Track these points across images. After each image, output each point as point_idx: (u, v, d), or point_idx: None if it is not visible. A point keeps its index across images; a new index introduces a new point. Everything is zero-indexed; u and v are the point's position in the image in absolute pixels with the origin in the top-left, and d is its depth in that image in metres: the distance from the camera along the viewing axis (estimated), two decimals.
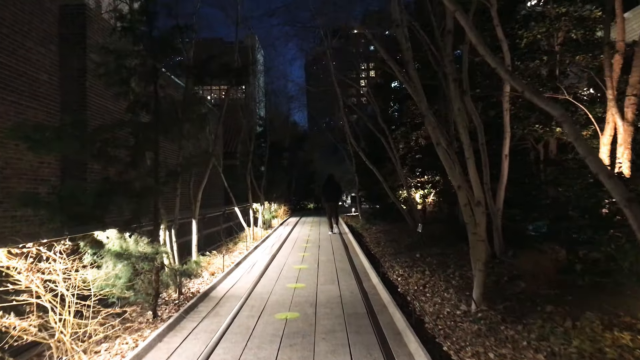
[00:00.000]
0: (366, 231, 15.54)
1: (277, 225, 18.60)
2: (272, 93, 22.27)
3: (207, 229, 12.63)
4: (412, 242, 10.70)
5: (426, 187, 15.10)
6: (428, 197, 15.43)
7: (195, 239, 8.60)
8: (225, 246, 12.32)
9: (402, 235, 12.15)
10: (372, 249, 11.20)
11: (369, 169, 16.64)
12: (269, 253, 10.68)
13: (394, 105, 18.92)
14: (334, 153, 51.51)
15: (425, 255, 8.73)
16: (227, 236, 13.80)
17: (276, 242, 13.00)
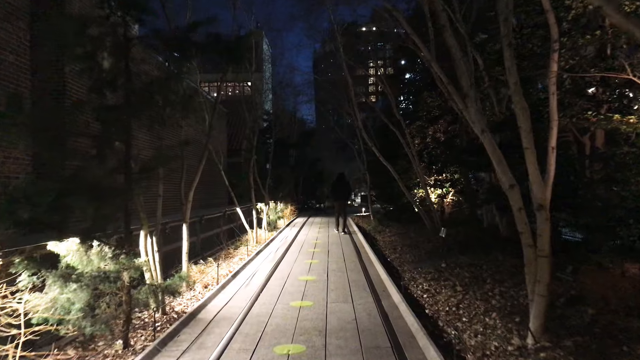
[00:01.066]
0: (379, 234, 14.34)
1: (283, 227, 17.45)
2: (278, 85, 21.13)
3: (206, 231, 11.52)
4: (433, 249, 9.50)
5: (445, 185, 13.89)
6: (446, 196, 14.21)
7: (186, 245, 7.46)
8: (225, 251, 11.20)
9: (420, 240, 10.95)
10: (388, 256, 10.03)
11: (381, 166, 15.46)
12: (272, 260, 9.53)
13: (408, 99, 17.69)
14: (343, 151, 50.44)
15: (452, 266, 7.53)
16: (229, 239, 12.67)
17: (281, 246, 11.85)
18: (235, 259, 10.19)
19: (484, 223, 10.74)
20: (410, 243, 10.87)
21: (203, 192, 16.67)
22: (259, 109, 20.04)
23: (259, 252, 10.65)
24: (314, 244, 12.02)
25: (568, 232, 9.01)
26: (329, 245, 11.49)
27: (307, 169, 29.60)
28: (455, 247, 8.94)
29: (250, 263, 9.24)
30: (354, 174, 47.37)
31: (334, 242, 12.12)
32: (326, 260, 9.28)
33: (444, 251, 8.90)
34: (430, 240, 10.50)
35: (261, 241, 12.95)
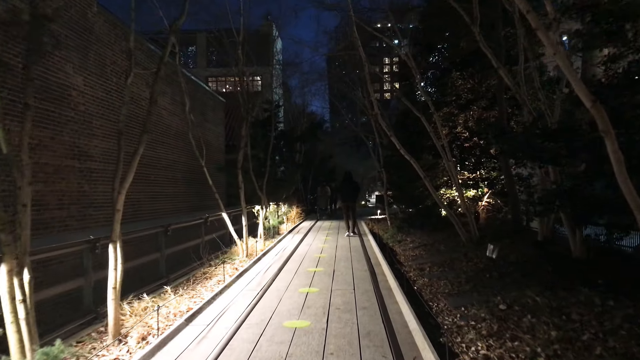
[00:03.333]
0: (399, 244, 11.79)
1: (286, 233, 14.98)
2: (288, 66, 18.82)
3: (179, 244, 9.10)
4: (476, 272, 6.94)
5: (480, 185, 11.31)
6: (481, 199, 11.62)
7: (118, 276, 4.99)
8: (206, 267, 8.78)
9: (455, 257, 8.38)
10: (414, 279, 7.53)
11: (400, 162, 12.96)
12: (256, 286, 7.07)
13: (430, 84, 15.07)
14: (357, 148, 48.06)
15: (516, 307, 4.96)
16: (215, 251, 10.22)
17: (275, 262, 9.38)
18: (212, 282, 7.77)
19: (539, 235, 8.16)
20: (442, 260, 8.31)
21: (192, 192, 14.29)
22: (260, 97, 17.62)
23: (243, 272, 8.20)
24: (316, 259, 9.53)
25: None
26: (335, 262, 8.98)
27: (317, 167, 27.02)
28: (511, 271, 6.38)
29: (225, 292, 6.78)
30: (368, 172, 44.91)
31: (342, 257, 9.61)
32: (329, 287, 6.79)
33: (493, 278, 6.35)
34: (468, 258, 7.95)
35: (253, 253, 10.52)
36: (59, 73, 8.09)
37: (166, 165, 12.68)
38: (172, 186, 13.00)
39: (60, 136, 8.09)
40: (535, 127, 5.86)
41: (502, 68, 7.17)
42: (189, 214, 13.03)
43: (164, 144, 12.61)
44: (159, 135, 12.31)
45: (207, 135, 16.08)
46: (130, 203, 10.21)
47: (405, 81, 15.50)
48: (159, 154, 12.26)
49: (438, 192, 12.46)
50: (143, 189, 11.18)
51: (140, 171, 11.05)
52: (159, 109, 12.39)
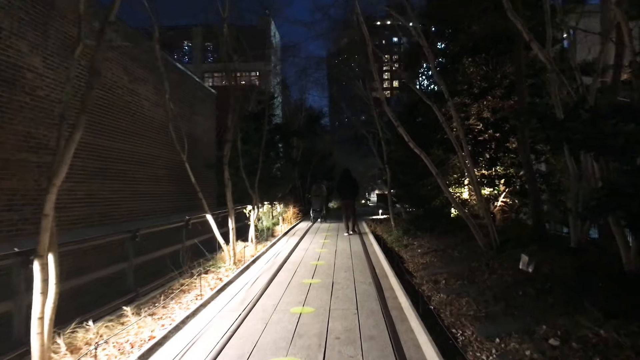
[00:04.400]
0: (405, 249, 10.59)
1: (280, 235, 13.77)
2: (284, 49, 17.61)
3: (153, 251, 7.91)
4: (505, 287, 5.72)
5: (497, 183, 10.12)
6: (497, 198, 10.42)
7: (49, 301, 3.77)
8: (187, 276, 7.59)
9: (474, 266, 7.17)
10: (428, 294, 6.33)
11: (405, 159, 11.82)
12: (239, 305, 5.86)
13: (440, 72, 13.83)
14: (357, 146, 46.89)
15: (573, 341, 3.76)
16: (197, 258, 9.01)
17: (265, 271, 8.18)
18: (190, 296, 6.60)
19: (572, 241, 6.96)
20: (459, 271, 7.10)
21: (179, 191, 13.05)
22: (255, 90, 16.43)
23: (227, 284, 7.01)
24: (313, 267, 8.33)
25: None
26: (334, 272, 7.78)
27: (316, 164, 25.76)
28: (549, 288, 5.18)
29: (200, 312, 5.58)
30: (368, 170, 43.68)
31: (342, 265, 8.41)
32: (327, 305, 5.59)
33: (529, 296, 5.15)
34: (491, 268, 6.74)
35: (243, 260, 9.34)
36: (8, 51, 6.88)
37: (147, 160, 11.48)
38: (154, 184, 11.80)
39: (11, 125, 6.88)
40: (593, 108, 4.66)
41: (534, 41, 5.96)
42: (174, 215, 11.83)
43: (145, 137, 11.40)
44: (138, 127, 11.10)
45: (195, 130, 14.88)
46: (97, 203, 9.03)
47: (416, 65, 14.25)
48: (138, 148, 11.05)
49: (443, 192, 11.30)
50: (118, 187, 9.97)
51: (114, 167, 9.86)
52: (139, 98, 11.18)
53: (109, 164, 9.64)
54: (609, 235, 8.71)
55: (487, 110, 10.54)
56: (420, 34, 7.94)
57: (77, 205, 8.49)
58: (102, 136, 9.43)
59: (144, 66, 11.37)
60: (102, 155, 9.40)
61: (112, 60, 9.91)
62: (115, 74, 9.99)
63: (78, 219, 8.48)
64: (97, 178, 9.20)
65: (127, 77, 10.54)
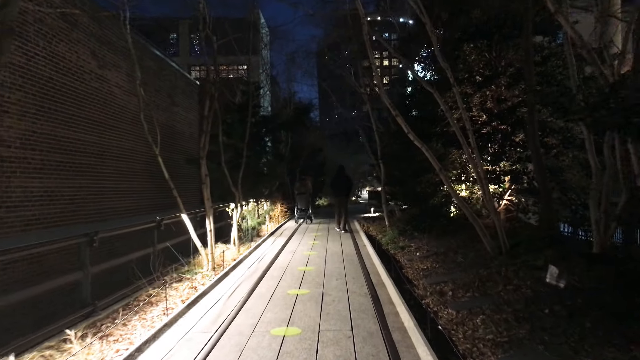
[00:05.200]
0: (402, 252, 9.70)
1: (267, 235, 12.83)
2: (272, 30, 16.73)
3: (120, 256, 6.95)
4: (526, 302, 4.81)
5: (503, 180, 9.27)
6: (503, 196, 9.56)
7: None
8: (149, 290, 6.66)
9: (482, 273, 6.28)
10: (432, 306, 5.44)
11: (401, 154, 10.94)
12: (210, 325, 4.93)
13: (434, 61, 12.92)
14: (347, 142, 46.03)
15: None
16: (173, 262, 8.06)
17: (247, 279, 7.26)
18: (157, 310, 5.68)
19: (595, 246, 6.12)
20: (467, 280, 6.20)
21: (158, 188, 12.00)
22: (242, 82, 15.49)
23: (200, 296, 6.07)
24: (300, 273, 7.41)
25: None
26: (324, 280, 6.87)
27: (306, 160, 24.73)
28: (582, 305, 4.31)
29: (163, 335, 4.65)
30: (359, 167, 42.81)
31: (333, 271, 7.50)
32: (316, 325, 4.69)
33: (558, 316, 4.28)
34: (505, 278, 5.85)
35: (223, 264, 8.41)
36: None
37: (120, 154, 10.47)
38: (129, 180, 10.80)
39: None
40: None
41: (560, 13, 5.07)
42: (153, 214, 10.85)
43: (117, 129, 10.39)
44: (109, 118, 10.08)
45: (175, 122, 13.87)
46: (58, 202, 8.04)
47: (416, 50, 13.29)
48: (109, 140, 10.04)
49: (443, 190, 10.44)
50: (83, 183, 8.97)
51: (79, 161, 8.86)
52: (110, 85, 10.17)
53: (72, 158, 8.64)
54: (633, 240, 7.91)
55: (491, 100, 9.67)
56: (422, 9, 7.01)
57: (32, 204, 7.49)
58: (64, 126, 8.43)
59: (115, 50, 10.35)
60: (64, 148, 8.40)
61: (77, 42, 8.89)
62: (80, 57, 8.97)
63: (32, 220, 7.47)
64: (58, 173, 8.20)
65: (96, 62, 9.52)
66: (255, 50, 22.20)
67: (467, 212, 7.32)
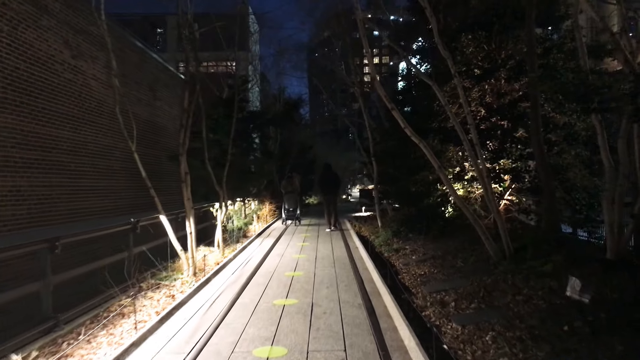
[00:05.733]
0: (397, 255, 9.17)
1: (254, 236, 12.24)
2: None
3: (91, 261, 6.35)
4: (540, 317, 4.27)
5: (504, 179, 8.76)
6: (502, 196, 9.05)
7: None
8: (121, 299, 6.09)
9: (487, 280, 5.74)
10: (433, 319, 4.90)
11: (397, 150, 10.42)
12: (184, 344, 4.34)
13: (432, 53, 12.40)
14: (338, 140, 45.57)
15: None
16: (152, 268, 7.44)
17: (229, 286, 6.69)
18: (129, 324, 5.09)
19: (608, 251, 5.61)
20: (470, 289, 5.64)
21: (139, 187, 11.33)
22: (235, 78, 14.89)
23: (176, 308, 5.48)
24: (288, 280, 6.84)
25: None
26: (314, 287, 6.30)
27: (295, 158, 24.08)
28: (607, 322, 3.79)
29: (128, 357, 4.07)
30: (349, 165, 42.34)
31: (324, 277, 6.94)
32: (304, 344, 4.12)
33: (581, 334, 3.75)
34: (513, 286, 5.31)
35: (205, 269, 7.84)
36: None
37: (97, 151, 9.81)
38: (107, 179, 10.14)
39: None
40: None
41: None
42: (134, 214, 10.21)
43: (94, 124, 9.73)
44: (85, 112, 9.42)
45: (157, 117, 13.22)
46: (26, 202, 7.40)
47: (412, 39, 12.75)
48: (85, 136, 9.39)
49: (439, 189, 9.90)
50: (56, 182, 8.33)
51: (52, 158, 8.22)
52: (85, 77, 9.51)
53: (43, 155, 7.99)
54: None
55: (491, 94, 9.16)
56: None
57: None
58: (34, 121, 7.79)
59: (92, 41, 9.69)
60: (33, 144, 7.75)
61: (48, 29, 8.23)
62: (51, 46, 8.30)
63: None
64: (27, 171, 7.56)
65: (69, 52, 8.86)
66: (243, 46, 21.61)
67: (468, 214, 6.79)
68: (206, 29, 9.46)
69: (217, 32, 11.23)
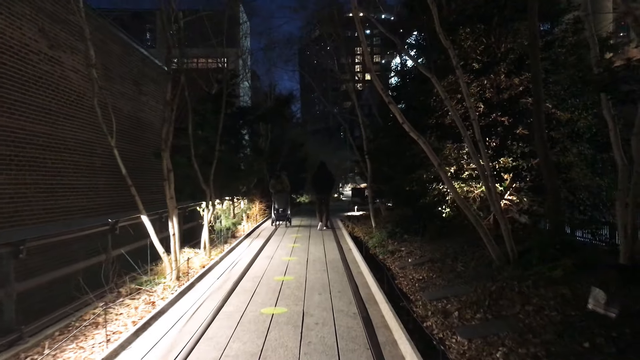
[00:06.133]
0: (392, 257, 8.77)
1: (243, 236, 11.77)
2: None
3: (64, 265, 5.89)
4: (556, 331, 3.86)
5: (505, 178, 8.37)
6: (503, 195, 8.66)
7: None
8: (96, 307, 5.64)
9: (491, 287, 5.32)
10: (436, 331, 4.48)
11: (393, 147, 10.02)
12: None
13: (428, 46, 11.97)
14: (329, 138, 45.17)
15: None
16: (130, 272, 6.96)
17: (214, 292, 6.22)
18: (101, 335, 4.62)
19: (621, 257, 5.21)
20: (474, 296, 5.22)
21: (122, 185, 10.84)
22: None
23: (154, 317, 5.01)
24: (278, 285, 6.39)
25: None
26: (305, 294, 5.86)
27: (287, 157, 23.60)
28: (631, 335, 3.39)
29: None
30: (341, 163, 41.92)
31: (316, 283, 6.50)
32: (295, 357, 3.71)
33: (606, 354, 3.34)
34: (519, 292, 4.90)
35: (189, 273, 7.38)
36: None
37: (77, 147, 9.30)
38: (86, 177, 9.61)
39: None
40: None
41: None
42: (117, 214, 9.71)
43: (74, 118, 9.21)
44: (64, 106, 8.90)
45: (143, 113, 12.71)
46: None
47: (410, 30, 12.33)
48: (64, 131, 8.87)
49: (436, 188, 9.49)
50: (32, 179, 7.81)
51: (25, 154, 7.70)
52: (64, 69, 8.99)
53: (16, 150, 7.47)
54: None
55: (491, 89, 8.76)
56: None
57: None
58: (6, 114, 7.27)
59: (72, 31, 9.17)
60: (4, 139, 7.23)
61: (21, 17, 7.70)
62: (25, 34, 7.77)
63: None
64: None
65: (46, 41, 8.34)
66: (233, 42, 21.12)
67: (470, 215, 6.38)
68: (191, 17, 8.99)
69: (204, 23, 10.76)
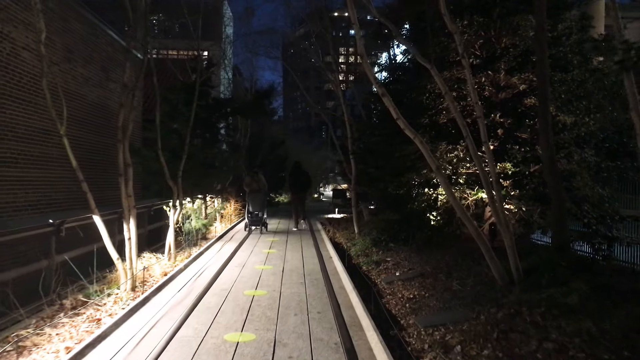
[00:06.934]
0: (377, 268, 7.95)
1: (215, 238, 10.83)
2: None
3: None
4: None
5: (504, 185, 7.61)
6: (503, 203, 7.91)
7: None
8: (34, 324, 4.72)
9: (497, 314, 4.52)
10: None
11: (382, 147, 9.25)
12: None
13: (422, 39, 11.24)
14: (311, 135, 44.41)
15: None
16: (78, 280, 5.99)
17: (170, 311, 5.31)
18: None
19: None
20: (478, 326, 4.40)
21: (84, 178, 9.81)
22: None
23: (96, 340, 4.08)
24: (248, 301, 5.50)
25: None
26: (278, 315, 4.98)
27: (266, 154, 22.67)
28: None
29: None
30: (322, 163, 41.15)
31: (291, 299, 5.64)
32: None
33: None
34: (532, 323, 4.12)
35: (148, 282, 6.48)
36: None
37: (29, 135, 8.28)
38: (39, 168, 8.60)
39: None
40: None
41: None
42: (77, 211, 8.71)
43: (26, 102, 8.18)
44: (12, 88, 7.87)
45: (111, 101, 11.67)
46: None
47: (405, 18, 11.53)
48: (12, 117, 7.84)
49: (425, 193, 8.71)
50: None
51: None
52: (15, 47, 7.96)
53: None
54: None
55: (491, 87, 8.02)
56: None
57: None
58: None
59: (25, 4, 8.13)
60: None
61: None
62: None
63: None
64: None
65: None
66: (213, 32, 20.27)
67: (471, 226, 5.59)
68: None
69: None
